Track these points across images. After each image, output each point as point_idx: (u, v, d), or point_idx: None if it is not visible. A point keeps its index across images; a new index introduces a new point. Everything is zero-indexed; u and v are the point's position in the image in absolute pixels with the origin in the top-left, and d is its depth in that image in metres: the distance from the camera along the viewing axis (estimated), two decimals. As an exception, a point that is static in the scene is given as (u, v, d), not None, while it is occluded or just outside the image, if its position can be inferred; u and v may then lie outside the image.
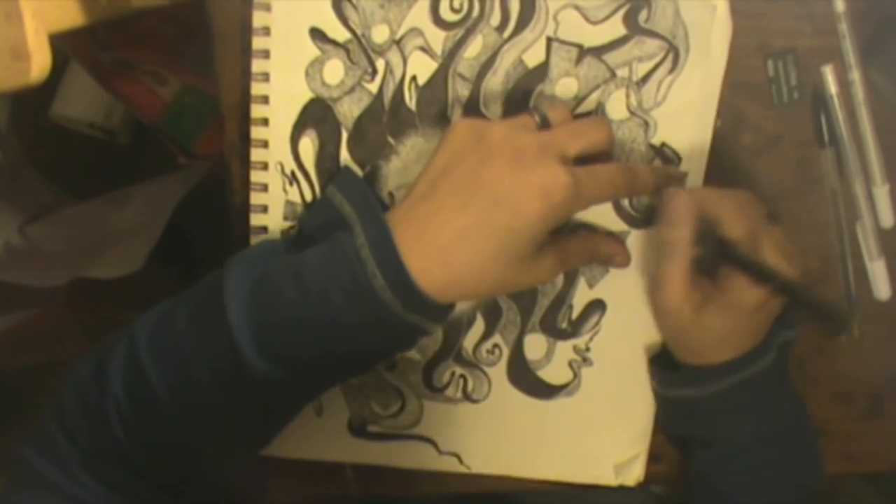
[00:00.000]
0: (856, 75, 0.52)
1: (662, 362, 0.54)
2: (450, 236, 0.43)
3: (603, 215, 0.53)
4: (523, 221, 0.42)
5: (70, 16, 0.56)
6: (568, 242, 0.48)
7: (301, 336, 0.44)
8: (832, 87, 0.53)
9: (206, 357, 0.45)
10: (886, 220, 0.55)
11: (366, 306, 0.43)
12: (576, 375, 0.56)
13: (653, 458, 0.56)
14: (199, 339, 0.45)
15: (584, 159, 0.45)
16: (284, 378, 0.45)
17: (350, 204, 0.48)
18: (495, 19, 0.50)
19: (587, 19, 0.50)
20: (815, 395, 0.57)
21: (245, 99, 0.51)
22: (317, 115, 0.51)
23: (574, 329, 0.55)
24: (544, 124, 0.46)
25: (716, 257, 0.48)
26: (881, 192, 0.54)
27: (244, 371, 0.44)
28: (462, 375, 0.55)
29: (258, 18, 0.50)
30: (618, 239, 0.53)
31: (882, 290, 0.55)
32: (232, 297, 0.44)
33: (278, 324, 0.44)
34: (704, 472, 0.53)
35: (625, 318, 0.55)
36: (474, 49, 0.50)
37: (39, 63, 0.48)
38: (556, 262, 0.47)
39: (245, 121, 0.51)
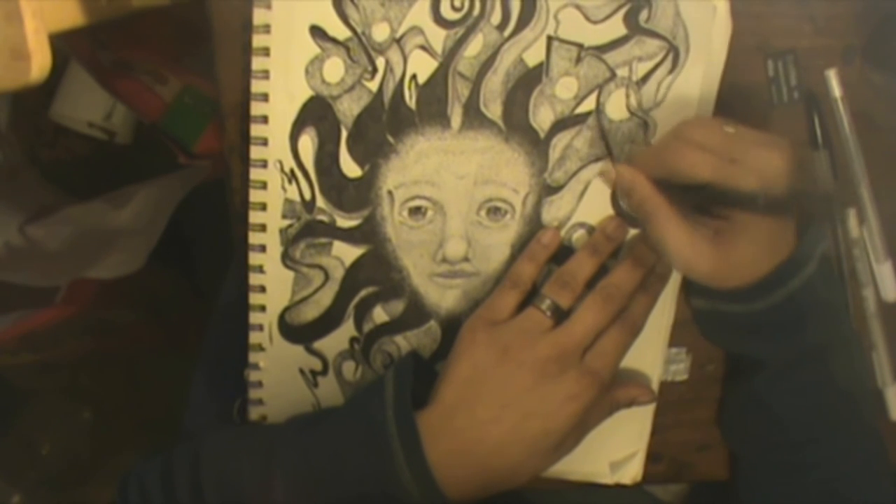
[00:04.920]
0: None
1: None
2: (486, 450, 0.47)
3: (601, 215, 0.53)
4: (557, 424, 0.47)
5: (70, 16, 0.56)
6: (588, 416, 0.49)
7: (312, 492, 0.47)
8: (836, 91, 0.53)
9: None
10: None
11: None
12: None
13: (652, 457, 0.56)
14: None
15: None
16: None
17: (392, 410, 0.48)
18: (496, 18, 0.50)
19: (588, 18, 0.50)
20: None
21: (245, 98, 0.51)
22: (316, 113, 0.51)
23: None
24: (556, 311, 0.49)
25: (702, 200, 0.48)
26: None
27: None
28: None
29: (259, 16, 0.50)
30: (636, 383, 0.54)
31: (889, 291, 0.55)
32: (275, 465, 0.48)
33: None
34: (759, 393, 0.52)
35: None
36: (475, 48, 0.50)
37: (39, 63, 0.48)
38: (579, 436, 0.50)
39: (245, 120, 0.51)
